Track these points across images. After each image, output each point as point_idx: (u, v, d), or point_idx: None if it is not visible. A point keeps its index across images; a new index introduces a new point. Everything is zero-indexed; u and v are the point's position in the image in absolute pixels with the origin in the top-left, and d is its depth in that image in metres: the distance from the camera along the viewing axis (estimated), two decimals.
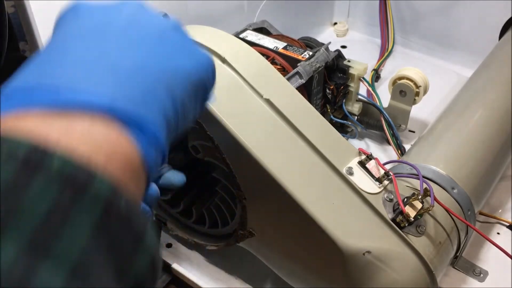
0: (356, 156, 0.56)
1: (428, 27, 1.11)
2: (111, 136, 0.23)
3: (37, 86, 0.23)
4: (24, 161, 0.20)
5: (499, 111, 0.74)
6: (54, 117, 0.22)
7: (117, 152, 0.23)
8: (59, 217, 0.20)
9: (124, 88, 0.24)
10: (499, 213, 0.77)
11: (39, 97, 0.22)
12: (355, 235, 0.52)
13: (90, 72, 0.24)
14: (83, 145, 0.21)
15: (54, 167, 0.20)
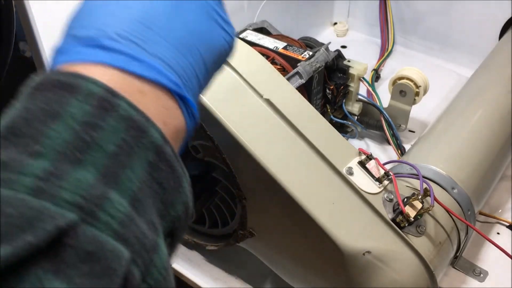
0: (356, 156, 0.56)
1: (428, 27, 1.11)
2: (169, 106, 0.27)
3: (113, 47, 0.26)
4: (100, 100, 0.23)
5: (499, 111, 0.74)
6: (126, 77, 0.26)
7: (171, 121, 0.27)
8: (125, 152, 0.23)
9: (180, 60, 0.28)
10: (499, 213, 0.77)
11: (117, 60, 0.25)
12: (355, 235, 0.52)
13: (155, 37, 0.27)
14: (150, 111, 0.25)
15: (123, 110, 0.24)
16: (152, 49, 0.27)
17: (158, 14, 0.28)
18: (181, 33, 0.29)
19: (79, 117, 0.23)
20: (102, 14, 0.27)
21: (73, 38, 0.27)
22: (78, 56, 0.26)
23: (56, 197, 0.21)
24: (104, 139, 0.23)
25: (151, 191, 0.24)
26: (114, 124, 0.23)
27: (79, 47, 0.26)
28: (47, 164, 0.21)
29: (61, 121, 0.23)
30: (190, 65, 0.29)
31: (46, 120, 0.23)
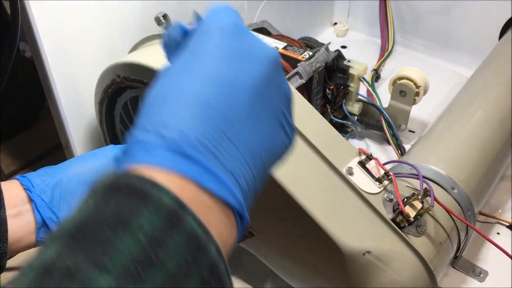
0: (356, 156, 0.56)
1: (428, 27, 1.11)
2: (229, 223, 0.28)
3: (182, 151, 0.26)
4: (169, 214, 0.24)
5: (499, 111, 0.74)
6: (198, 191, 0.26)
7: (227, 237, 0.28)
8: (184, 271, 0.23)
9: (247, 174, 0.29)
10: (499, 213, 0.77)
11: (194, 171, 0.26)
12: (355, 235, 0.52)
13: (226, 153, 0.28)
14: (213, 227, 0.26)
15: (189, 226, 0.24)
16: (226, 161, 0.27)
17: (238, 120, 0.29)
18: (253, 142, 0.30)
19: (147, 231, 0.23)
20: (185, 112, 0.28)
21: (158, 135, 0.27)
22: (159, 160, 0.26)
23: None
24: (167, 257, 0.23)
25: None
26: (178, 241, 0.24)
27: (162, 150, 0.26)
28: (113, 283, 0.22)
29: (131, 232, 0.23)
30: (254, 178, 0.30)
31: (117, 228, 0.23)
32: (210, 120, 0.28)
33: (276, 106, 0.32)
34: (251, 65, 0.31)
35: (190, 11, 0.86)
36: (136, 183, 0.25)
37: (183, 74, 0.29)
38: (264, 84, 0.31)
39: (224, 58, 0.30)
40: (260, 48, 0.32)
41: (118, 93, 0.64)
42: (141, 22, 0.72)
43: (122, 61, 0.59)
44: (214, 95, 0.28)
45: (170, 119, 0.27)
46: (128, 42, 0.67)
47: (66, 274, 0.21)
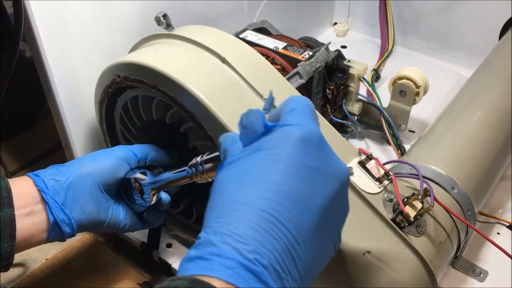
0: (356, 156, 0.56)
1: (428, 27, 1.11)
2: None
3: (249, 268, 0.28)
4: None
5: (499, 111, 0.74)
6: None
7: None
8: None
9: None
10: (499, 213, 0.77)
11: (253, 286, 0.27)
12: (355, 235, 0.52)
13: None
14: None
15: None
16: (287, 283, 0.29)
17: (304, 241, 0.30)
18: (311, 263, 0.31)
19: None
20: (261, 228, 0.29)
21: (235, 250, 0.28)
22: (233, 278, 0.27)
23: None
24: None
25: None
26: None
27: (237, 266, 0.27)
28: None
29: None
30: None
31: None
32: (280, 239, 0.29)
33: (336, 224, 0.33)
34: (326, 184, 0.31)
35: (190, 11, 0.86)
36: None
37: (260, 182, 0.30)
38: (332, 203, 0.32)
39: (303, 174, 0.31)
40: (336, 166, 0.33)
41: (118, 93, 0.64)
42: (141, 22, 0.72)
43: (122, 61, 0.59)
44: (287, 213, 0.29)
45: (246, 234, 0.28)
46: (128, 42, 0.67)
47: None
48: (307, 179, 0.31)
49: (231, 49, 0.58)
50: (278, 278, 0.28)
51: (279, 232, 0.29)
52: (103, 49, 0.69)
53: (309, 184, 0.31)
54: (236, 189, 0.31)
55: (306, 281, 0.31)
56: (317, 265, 0.32)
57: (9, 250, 0.48)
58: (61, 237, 0.54)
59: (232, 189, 0.31)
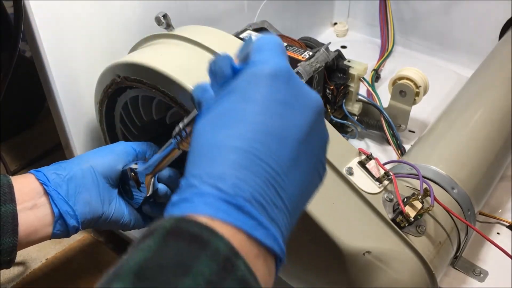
0: (356, 156, 0.56)
1: (428, 27, 1.11)
2: (271, 267, 0.30)
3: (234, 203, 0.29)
4: (224, 260, 0.26)
5: (499, 111, 0.74)
6: (247, 239, 0.28)
7: (269, 279, 0.30)
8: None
9: (288, 223, 0.31)
10: (499, 213, 0.77)
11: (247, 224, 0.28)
12: (355, 235, 0.52)
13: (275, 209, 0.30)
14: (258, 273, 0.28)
15: (241, 272, 0.26)
16: (273, 213, 0.30)
17: (284, 172, 0.31)
18: (295, 193, 0.32)
19: (206, 275, 0.25)
20: (238, 165, 0.29)
21: (215, 187, 0.29)
22: (216, 211, 0.28)
23: None
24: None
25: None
26: (232, 285, 0.26)
27: (219, 202, 0.28)
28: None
29: (191, 276, 0.25)
30: (291, 224, 0.32)
31: (178, 272, 0.25)
32: (261, 174, 0.30)
33: (316, 153, 0.34)
34: (300, 116, 0.32)
35: (190, 11, 0.86)
36: (196, 231, 0.27)
37: (235, 123, 0.31)
38: (309, 134, 0.32)
39: (275, 109, 0.31)
40: (308, 97, 0.33)
41: (118, 93, 0.64)
42: (141, 22, 0.72)
43: (122, 61, 0.59)
44: (265, 149, 0.30)
45: (225, 172, 0.29)
46: (128, 42, 0.67)
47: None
48: (281, 114, 0.31)
49: (231, 49, 0.58)
50: (262, 209, 0.29)
51: (258, 167, 0.30)
52: (103, 49, 0.69)
53: (284, 118, 0.31)
54: (212, 134, 0.31)
55: (294, 212, 0.32)
56: (304, 196, 0.33)
57: (12, 246, 0.48)
58: (66, 232, 0.54)
59: (207, 135, 0.31)
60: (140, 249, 0.27)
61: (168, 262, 0.26)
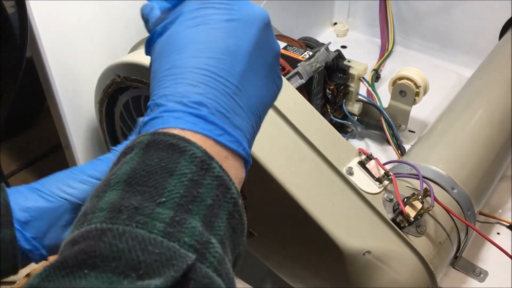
0: (356, 156, 0.56)
1: (428, 27, 1.11)
2: (239, 167, 0.34)
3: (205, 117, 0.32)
4: (201, 162, 0.30)
5: (499, 111, 0.74)
6: (215, 144, 0.32)
7: (240, 178, 0.34)
8: (217, 204, 0.30)
9: (249, 127, 0.35)
10: (499, 213, 0.77)
11: (213, 132, 0.32)
12: (355, 235, 0.52)
13: (239, 114, 0.34)
14: (230, 172, 0.32)
15: (216, 171, 0.30)
16: (235, 120, 0.33)
17: (241, 84, 0.34)
18: (253, 101, 0.35)
19: (188, 175, 0.29)
20: (199, 83, 0.33)
21: (181, 103, 0.32)
22: (186, 124, 0.32)
23: (180, 240, 0.27)
24: (205, 194, 0.29)
25: (229, 235, 0.30)
26: (210, 182, 0.30)
27: (186, 115, 0.32)
28: (171, 213, 0.27)
29: (175, 177, 0.29)
30: (253, 129, 0.36)
31: (164, 175, 0.29)
32: (219, 87, 0.33)
33: (269, 63, 0.37)
34: (247, 30, 0.35)
35: None
36: (172, 141, 0.30)
37: (190, 44, 0.34)
38: (259, 45, 0.35)
39: (224, 27, 0.34)
40: (252, 11, 0.36)
41: (118, 93, 0.64)
42: (141, 22, 0.72)
43: (122, 61, 0.59)
44: (219, 64, 0.33)
45: (187, 89, 0.33)
46: (128, 42, 0.67)
47: (133, 210, 0.27)
48: (229, 30, 0.34)
49: None
50: (224, 118, 0.33)
51: (216, 82, 0.33)
52: (103, 49, 0.69)
53: (232, 35, 0.34)
54: (168, 57, 0.34)
55: (255, 119, 0.36)
56: (263, 104, 0.36)
57: (13, 269, 0.45)
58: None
59: (164, 58, 0.35)
60: (124, 162, 0.30)
61: (153, 169, 0.29)
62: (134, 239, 0.25)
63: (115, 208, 0.27)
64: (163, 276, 0.25)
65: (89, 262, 0.25)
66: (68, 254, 0.25)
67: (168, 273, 0.25)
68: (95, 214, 0.27)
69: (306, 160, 0.53)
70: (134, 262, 0.25)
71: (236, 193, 0.32)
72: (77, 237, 0.26)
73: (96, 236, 0.26)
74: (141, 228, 0.26)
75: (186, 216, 0.28)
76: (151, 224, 0.26)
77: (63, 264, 0.25)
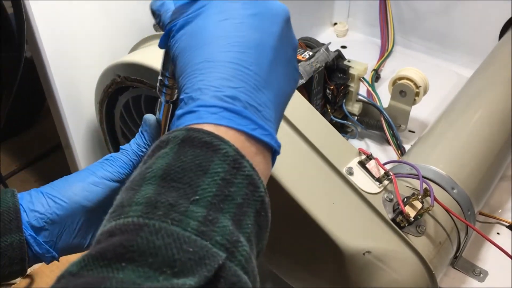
0: (356, 156, 0.56)
1: (428, 27, 1.11)
2: (268, 160, 0.35)
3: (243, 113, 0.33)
4: (233, 161, 0.31)
5: (499, 111, 0.74)
6: (247, 140, 0.33)
7: (268, 172, 0.35)
8: (246, 203, 0.30)
9: (277, 118, 0.36)
10: (499, 213, 0.77)
11: (246, 126, 0.33)
12: (355, 235, 0.52)
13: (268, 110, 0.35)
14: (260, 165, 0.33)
15: (247, 170, 0.31)
16: (265, 112, 0.34)
17: (267, 75, 0.35)
18: (277, 92, 0.36)
19: (220, 174, 0.30)
20: (230, 77, 0.33)
21: (215, 97, 0.33)
22: (220, 119, 0.32)
23: (212, 239, 0.27)
24: (235, 193, 0.30)
25: (255, 232, 0.31)
26: (241, 181, 0.31)
27: (221, 110, 0.32)
28: (204, 211, 0.28)
29: (209, 175, 0.30)
30: (279, 120, 0.37)
31: (198, 173, 0.30)
32: (249, 80, 0.34)
33: (289, 56, 0.38)
34: (271, 25, 0.36)
35: None
36: (207, 138, 0.31)
37: (218, 39, 0.35)
38: (281, 40, 0.36)
39: (249, 23, 0.35)
40: (275, 6, 0.37)
41: (118, 93, 0.64)
42: (141, 22, 0.72)
43: (122, 61, 0.59)
44: (248, 58, 0.34)
45: (221, 83, 0.33)
46: (128, 42, 0.67)
47: (168, 206, 0.28)
48: (254, 25, 0.35)
49: None
50: (256, 111, 0.34)
51: (246, 76, 0.34)
52: (103, 49, 0.69)
53: (258, 29, 0.35)
54: (197, 51, 0.35)
55: (280, 111, 0.37)
56: (284, 96, 0.38)
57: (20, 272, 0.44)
58: None
59: (193, 52, 0.35)
60: (160, 156, 0.31)
61: (188, 166, 0.30)
62: (169, 236, 0.26)
63: (151, 203, 0.28)
64: (196, 275, 0.25)
65: (127, 256, 0.25)
66: (106, 246, 0.26)
67: (201, 272, 0.25)
68: (132, 207, 0.28)
69: (306, 160, 0.53)
70: (169, 259, 0.25)
71: (264, 191, 0.32)
72: (115, 229, 0.27)
73: (133, 231, 0.26)
74: (176, 225, 0.27)
75: (218, 214, 0.28)
76: (185, 221, 0.27)
77: (102, 255, 0.26)
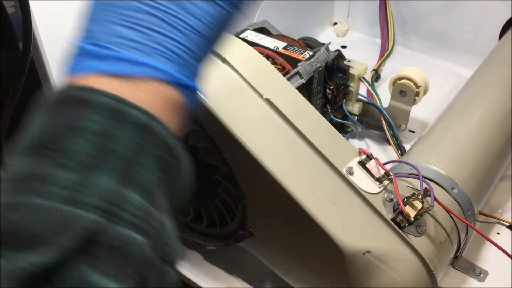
0: (356, 156, 0.56)
1: (428, 27, 1.11)
2: (169, 93, 0.29)
3: (110, 56, 0.29)
4: (112, 111, 0.27)
5: (499, 111, 0.74)
6: (124, 80, 0.28)
7: (172, 107, 0.30)
8: (137, 153, 0.27)
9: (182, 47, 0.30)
10: (499, 213, 0.77)
11: (114, 67, 0.28)
12: (355, 235, 0.52)
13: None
14: (155, 101, 0.28)
15: (132, 116, 0.27)
16: (153, 43, 0.29)
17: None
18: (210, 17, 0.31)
19: (95, 130, 0.26)
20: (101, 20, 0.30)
21: (81, 41, 0.30)
22: (87, 67, 0.29)
23: (84, 203, 0.25)
24: (119, 145, 0.26)
25: (161, 181, 0.28)
26: (126, 130, 0.27)
27: (87, 59, 0.30)
28: (73, 175, 0.25)
29: (80, 134, 0.26)
30: (207, 49, 0.32)
31: (68, 134, 0.26)
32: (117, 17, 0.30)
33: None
34: None
35: None
36: (76, 93, 0.28)
37: None
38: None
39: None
40: None
41: None
42: None
43: None
44: None
45: (93, 28, 0.31)
46: None
47: (35, 177, 0.25)
48: None
49: (231, 49, 0.58)
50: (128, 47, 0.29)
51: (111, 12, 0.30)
52: None
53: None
54: None
55: (213, 34, 0.32)
56: (220, 21, 0.33)
57: None
58: None
59: None
60: (33, 124, 0.28)
61: (58, 130, 0.27)
62: (27, 210, 0.24)
63: (20, 179, 0.26)
64: (53, 246, 0.23)
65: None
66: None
67: (59, 243, 0.23)
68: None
69: (306, 159, 0.53)
70: (26, 235, 0.23)
71: (165, 132, 0.28)
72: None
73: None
74: (39, 196, 0.25)
75: (93, 175, 0.26)
76: (50, 191, 0.25)
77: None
